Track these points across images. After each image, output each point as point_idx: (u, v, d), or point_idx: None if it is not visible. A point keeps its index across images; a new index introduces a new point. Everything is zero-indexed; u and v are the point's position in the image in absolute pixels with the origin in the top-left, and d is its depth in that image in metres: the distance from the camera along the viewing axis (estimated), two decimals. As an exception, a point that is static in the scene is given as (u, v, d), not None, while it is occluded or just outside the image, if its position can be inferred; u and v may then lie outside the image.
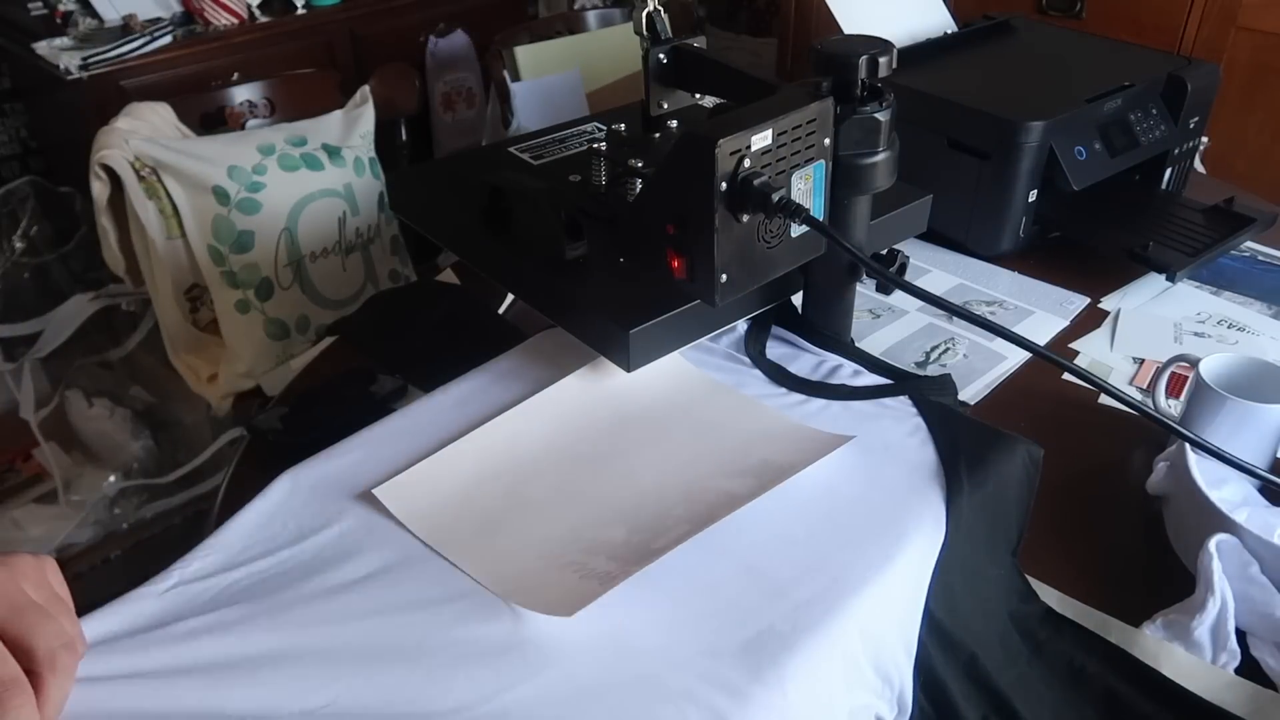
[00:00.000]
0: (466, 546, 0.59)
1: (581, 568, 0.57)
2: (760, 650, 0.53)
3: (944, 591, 0.60)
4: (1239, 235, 1.06)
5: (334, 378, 0.88)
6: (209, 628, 0.54)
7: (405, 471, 0.65)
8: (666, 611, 0.55)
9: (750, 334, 0.81)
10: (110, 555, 1.76)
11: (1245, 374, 0.78)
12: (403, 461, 0.66)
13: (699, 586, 0.57)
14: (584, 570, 0.57)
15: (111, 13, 1.95)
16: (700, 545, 0.58)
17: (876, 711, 0.57)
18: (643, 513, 0.62)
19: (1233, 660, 0.63)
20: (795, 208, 0.62)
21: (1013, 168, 1.02)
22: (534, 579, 0.57)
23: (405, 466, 0.65)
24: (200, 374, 1.54)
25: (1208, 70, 1.13)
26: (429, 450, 0.67)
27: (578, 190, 0.87)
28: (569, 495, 0.64)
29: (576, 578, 0.56)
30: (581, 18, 2.04)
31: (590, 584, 0.55)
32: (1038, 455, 0.68)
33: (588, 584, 0.55)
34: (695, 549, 0.57)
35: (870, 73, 0.69)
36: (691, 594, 0.56)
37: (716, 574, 0.58)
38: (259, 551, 0.59)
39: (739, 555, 0.59)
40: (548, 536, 0.61)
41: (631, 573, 0.55)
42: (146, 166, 1.37)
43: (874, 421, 0.70)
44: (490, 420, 0.69)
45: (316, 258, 1.50)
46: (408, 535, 0.60)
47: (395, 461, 0.66)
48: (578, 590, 0.54)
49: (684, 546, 0.57)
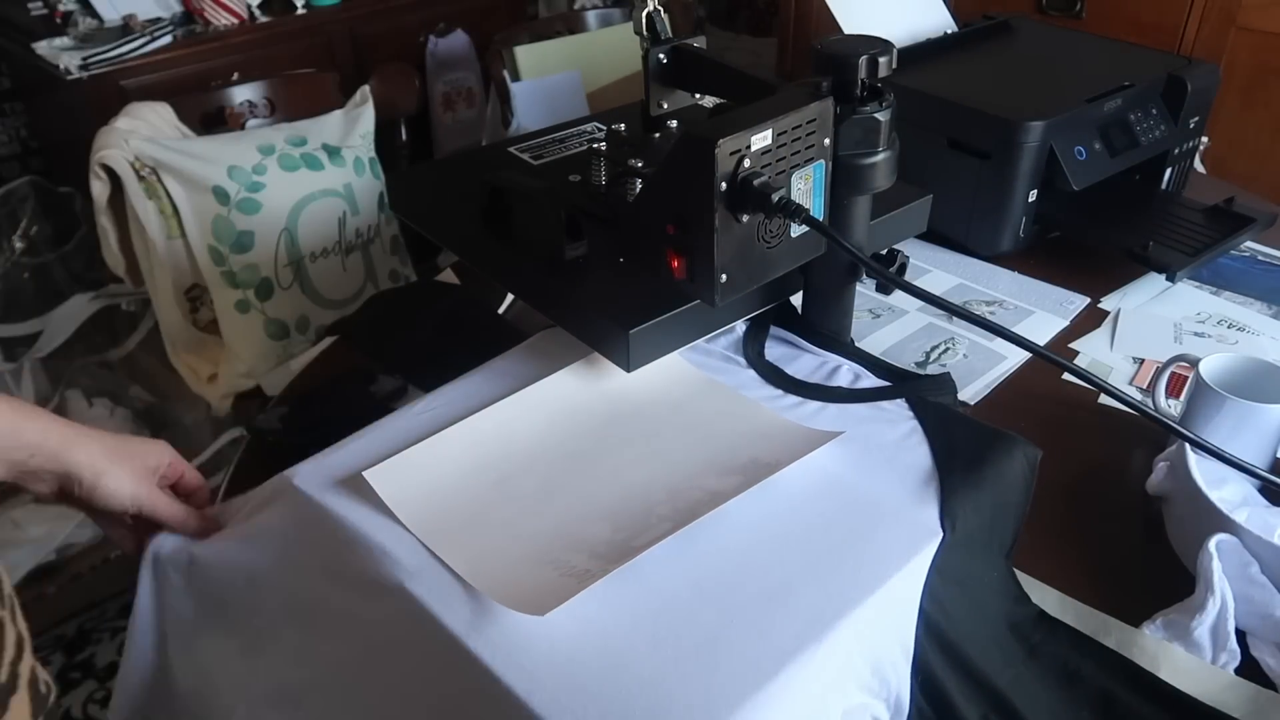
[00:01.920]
0: (451, 537, 0.59)
1: (562, 565, 0.57)
2: (754, 651, 0.53)
3: (940, 593, 0.60)
4: (1239, 235, 1.06)
5: (334, 378, 0.88)
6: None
7: (396, 455, 0.65)
8: (654, 609, 0.55)
9: (748, 335, 0.81)
10: (110, 555, 1.76)
11: (1245, 374, 0.78)
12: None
13: (692, 587, 0.57)
14: (564, 568, 0.57)
15: (111, 13, 1.95)
16: (695, 546, 0.58)
17: (872, 712, 0.57)
18: (628, 510, 0.62)
19: (1233, 660, 0.63)
20: (795, 208, 0.62)
21: (1013, 168, 1.02)
22: (513, 574, 0.57)
23: None
24: (200, 374, 1.54)
25: (1208, 70, 1.13)
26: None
27: (578, 190, 0.87)
28: (557, 490, 0.64)
29: (556, 575, 0.56)
30: (581, 18, 2.04)
31: (568, 582, 0.55)
32: (1035, 457, 0.68)
33: (565, 582, 0.55)
34: (689, 550, 0.57)
35: (870, 73, 0.69)
36: (683, 594, 0.56)
37: (710, 576, 0.58)
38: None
39: (734, 557, 0.59)
40: (533, 531, 0.61)
41: (610, 571, 0.54)
42: (146, 166, 1.37)
43: (870, 424, 0.70)
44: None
45: (316, 258, 1.50)
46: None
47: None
48: (554, 588, 0.54)
49: (677, 546, 0.57)
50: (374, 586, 0.58)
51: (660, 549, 0.57)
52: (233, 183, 1.41)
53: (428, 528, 0.60)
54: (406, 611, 0.56)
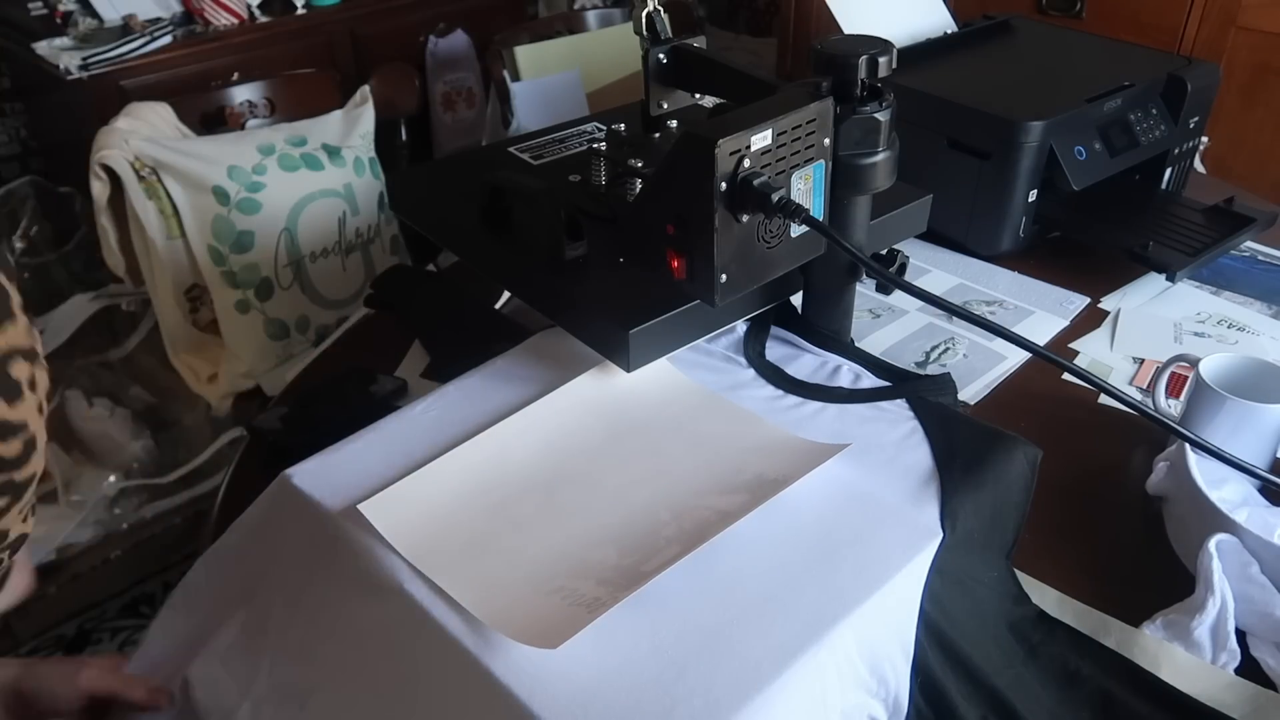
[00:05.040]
0: (452, 568, 0.57)
1: (570, 593, 0.55)
2: (755, 651, 0.53)
3: (940, 593, 0.60)
4: (1239, 235, 1.06)
5: (334, 378, 0.88)
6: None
7: (392, 486, 0.63)
8: (654, 610, 0.55)
9: (749, 335, 0.81)
10: (110, 555, 1.76)
11: (1245, 374, 0.78)
12: (401, 463, 0.66)
13: (692, 588, 0.57)
14: (572, 596, 0.55)
15: (111, 13, 1.94)
16: (697, 548, 0.57)
17: (870, 712, 0.57)
18: (633, 533, 0.60)
19: (1233, 660, 0.63)
20: (795, 208, 0.62)
21: (1013, 168, 1.02)
22: (520, 605, 0.55)
23: (404, 468, 0.65)
24: (200, 374, 1.54)
25: (1208, 70, 1.13)
26: (427, 453, 0.66)
27: (578, 190, 0.87)
28: (558, 514, 0.63)
29: (565, 605, 0.54)
30: (581, 18, 2.04)
31: (578, 612, 0.53)
32: (1035, 457, 0.68)
33: (575, 612, 0.53)
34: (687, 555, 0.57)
35: (870, 73, 0.69)
36: (683, 595, 0.56)
37: (710, 576, 0.57)
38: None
39: (734, 557, 0.59)
40: (536, 558, 0.59)
41: (620, 599, 0.53)
42: (146, 166, 1.37)
43: (871, 424, 0.70)
44: (483, 429, 0.68)
45: (316, 258, 1.50)
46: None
47: (395, 462, 0.66)
48: (564, 619, 0.53)
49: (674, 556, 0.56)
50: (374, 587, 0.58)
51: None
52: (233, 183, 1.41)
53: (429, 560, 0.58)
54: (407, 612, 0.56)
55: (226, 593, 0.67)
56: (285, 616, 0.64)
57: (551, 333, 0.78)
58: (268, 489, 0.66)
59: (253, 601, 0.65)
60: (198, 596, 0.68)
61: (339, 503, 0.63)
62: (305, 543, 0.64)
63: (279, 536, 0.65)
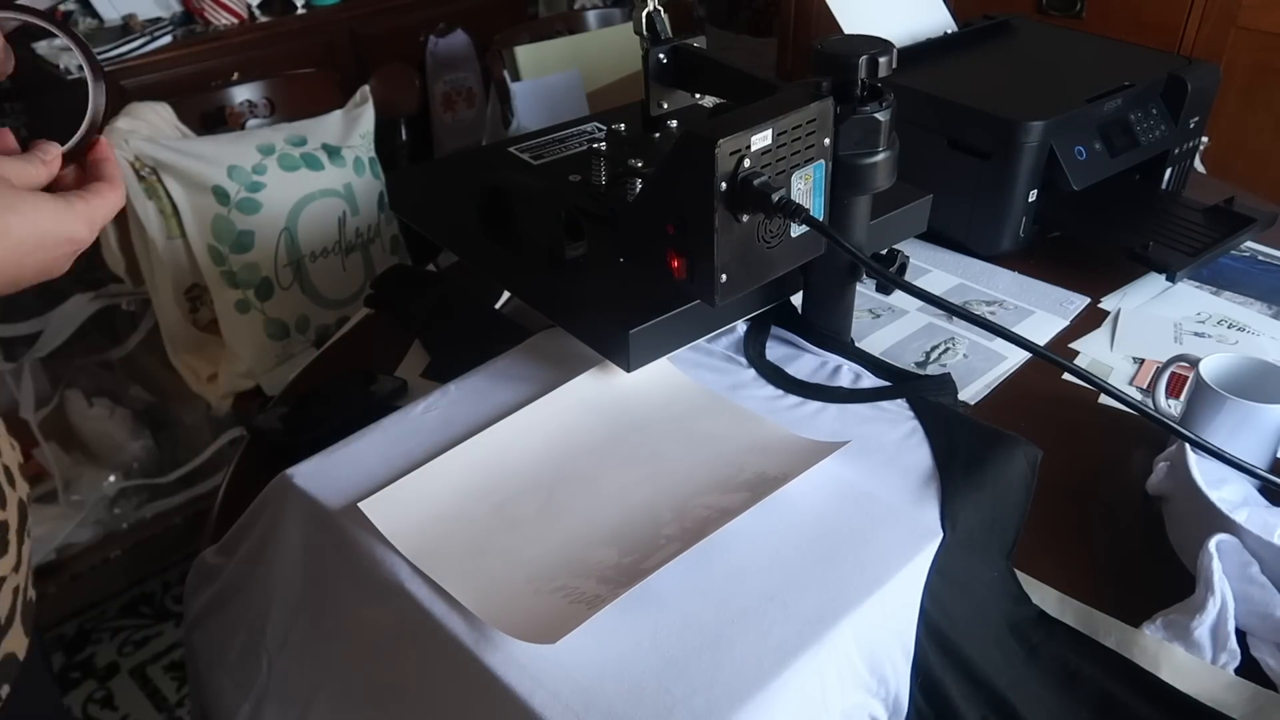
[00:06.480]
0: (453, 567, 0.57)
1: (570, 592, 0.55)
2: (755, 651, 0.53)
3: (940, 593, 0.60)
4: (1239, 235, 1.06)
5: (334, 378, 0.88)
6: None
7: (392, 485, 0.63)
8: (655, 610, 0.55)
9: (749, 335, 0.81)
10: (110, 555, 1.76)
11: (1245, 374, 0.78)
12: (401, 463, 0.66)
13: (693, 587, 0.57)
14: (573, 595, 0.55)
15: (111, 13, 1.94)
16: (697, 549, 0.57)
17: (870, 711, 0.57)
18: (634, 532, 0.60)
19: (1233, 660, 0.63)
20: (795, 208, 0.62)
21: (1013, 168, 1.02)
22: (520, 604, 0.55)
23: (404, 468, 0.65)
24: (200, 374, 1.54)
25: (1208, 70, 1.13)
26: (427, 453, 0.66)
27: (578, 190, 0.87)
28: (559, 513, 0.63)
29: (565, 603, 0.55)
30: (581, 18, 2.04)
31: (578, 608, 0.53)
32: (1035, 457, 0.68)
33: (575, 608, 0.53)
34: (690, 553, 0.57)
35: (870, 73, 0.69)
36: (683, 594, 0.56)
37: (710, 576, 0.58)
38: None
39: (734, 557, 0.59)
40: (536, 557, 0.59)
41: (620, 595, 0.53)
42: (146, 166, 1.37)
43: (871, 424, 0.70)
44: (483, 429, 0.68)
45: (316, 257, 1.50)
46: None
47: (395, 462, 0.66)
48: (564, 615, 0.53)
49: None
50: (375, 587, 0.58)
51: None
52: (233, 183, 1.41)
53: (430, 559, 0.58)
54: (408, 612, 0.56)
55: (226, 593, 0.67)
56: (285, 616, 0.64)
57: (551, 333, 0.78)
58: (267, 489, 0.66)
59: (253, 602, 0.66)
60: (197, 596, 0.68)
61: (339, 502, 0.63)
62: (305, 543, 0.64)
63: (279, 536, 0.65)
